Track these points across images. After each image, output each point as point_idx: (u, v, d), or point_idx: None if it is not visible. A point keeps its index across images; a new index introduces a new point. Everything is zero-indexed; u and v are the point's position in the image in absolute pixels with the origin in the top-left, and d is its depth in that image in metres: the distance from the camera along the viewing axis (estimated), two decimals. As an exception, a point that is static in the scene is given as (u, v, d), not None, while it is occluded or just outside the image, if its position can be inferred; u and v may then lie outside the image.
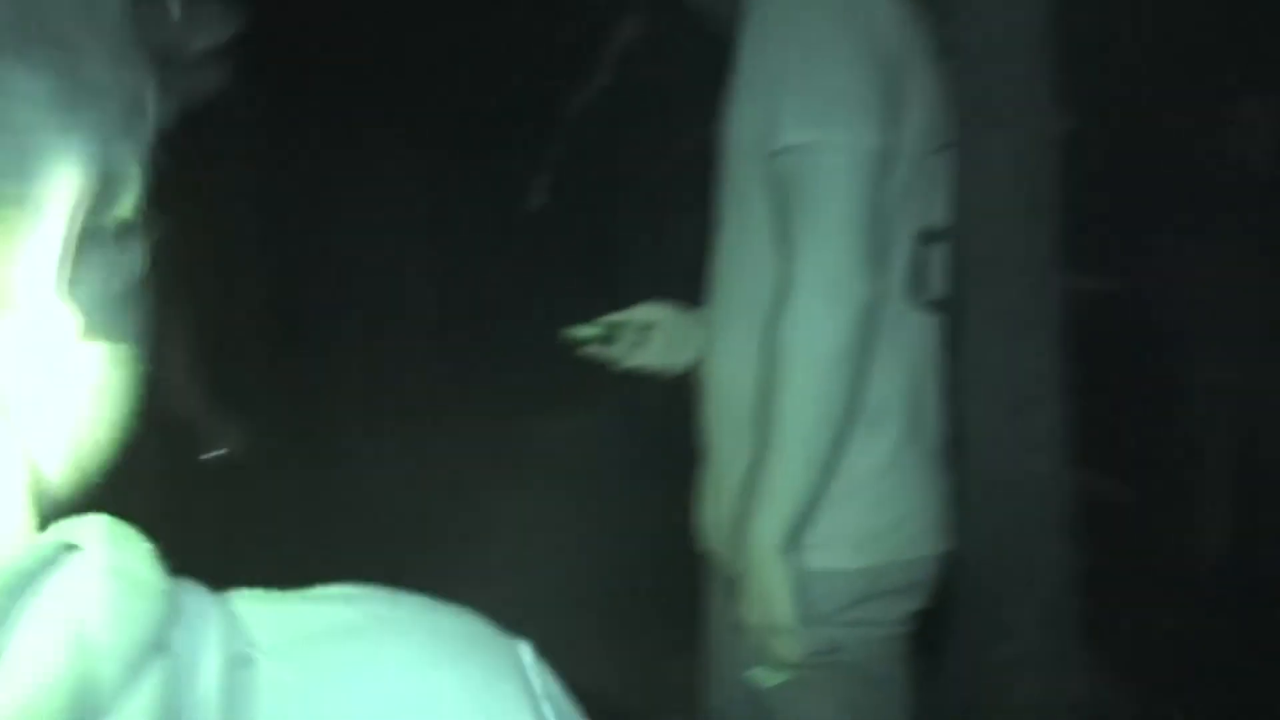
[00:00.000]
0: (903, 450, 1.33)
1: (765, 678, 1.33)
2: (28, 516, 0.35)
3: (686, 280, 1.53)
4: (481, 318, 3.49)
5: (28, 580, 0.33)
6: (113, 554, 0.35)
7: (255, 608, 0.39)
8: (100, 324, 0.38)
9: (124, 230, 0.39)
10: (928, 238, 1.33)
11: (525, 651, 0.41)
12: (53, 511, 0.37)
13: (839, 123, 1.20)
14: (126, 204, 0.38)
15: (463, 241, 3.64)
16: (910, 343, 1.33)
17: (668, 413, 1.82)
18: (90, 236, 0.37)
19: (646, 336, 1.53)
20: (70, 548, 0.35)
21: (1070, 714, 2.30)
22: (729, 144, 1.34)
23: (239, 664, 0.35)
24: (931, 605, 1.44)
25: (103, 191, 0.37)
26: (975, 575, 2.22)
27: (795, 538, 1.24)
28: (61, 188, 0.34)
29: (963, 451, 2.17)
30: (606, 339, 1.53)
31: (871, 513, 1.32)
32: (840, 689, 1.33)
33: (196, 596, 0.37)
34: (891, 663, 1.39)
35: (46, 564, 0.34)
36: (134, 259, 0.40)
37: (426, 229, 3.83)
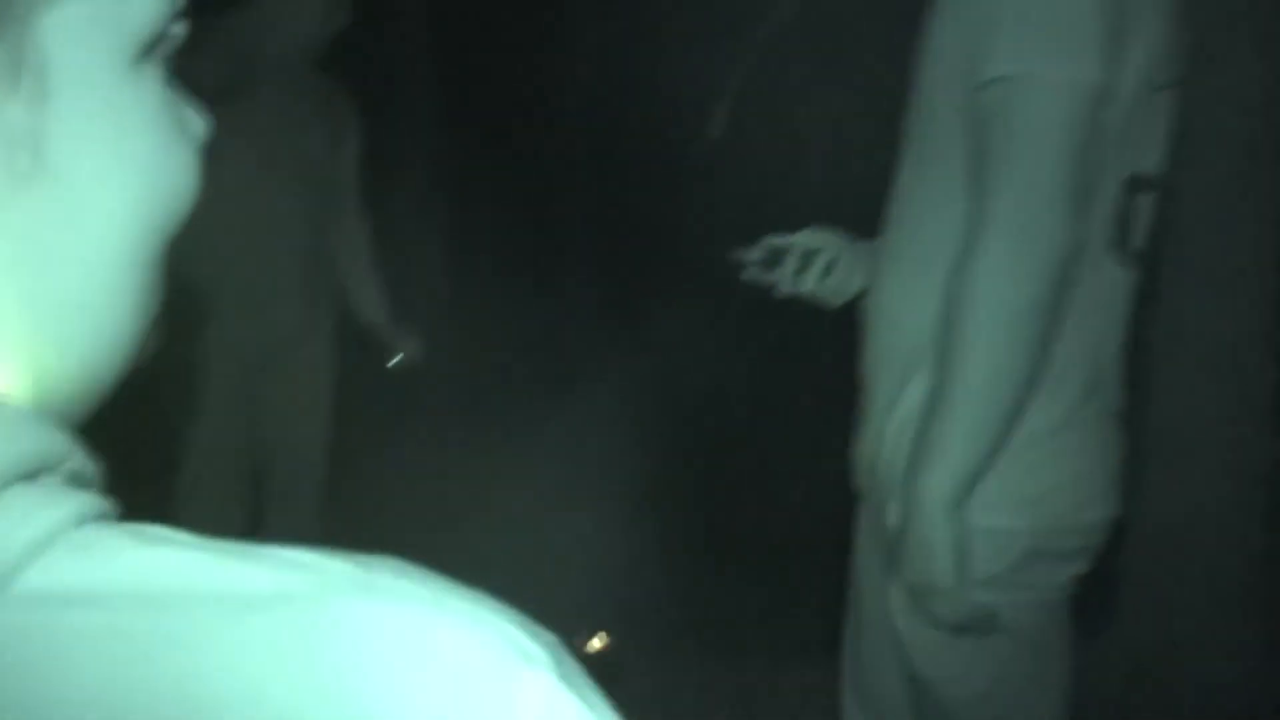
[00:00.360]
0: (1080, 409, 1.26)
1: (914, 634, 1.30)
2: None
3: (858, 211, 1.47)
4: (653, 246, 3.48)
5: None
6: None
7: (135, 546, 0.31)
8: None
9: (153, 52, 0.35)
10: (1137, 185, 1.23)
11: (531, 683, 0.30)
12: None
13: (1058, 54, 1.11)
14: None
15: (638, 170, 3.62)
16: (1103, 297, 1.25)
17: (821, 348, 1.78)
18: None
19: (810, 263, 1.48)
20: None
21: (1235, 697, 2.18)
22: (925, 72, 1.26)
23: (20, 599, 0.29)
24: (1099, 572, 1.37)
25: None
26: (1149, 544, 2.11)
27: (965, 496, 1.19)
28: None
29: (1148, 414, 2.05)
30: (770, 262, 1.49)
31: (1042, 472, 1.26)
32: (996, 651, 1.29)
33: (46, 517, 0.30)
34: (1052, 628, 1.34)
35: None
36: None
37: (602, 156, 3.82)
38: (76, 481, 0.33)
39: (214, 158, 0.38)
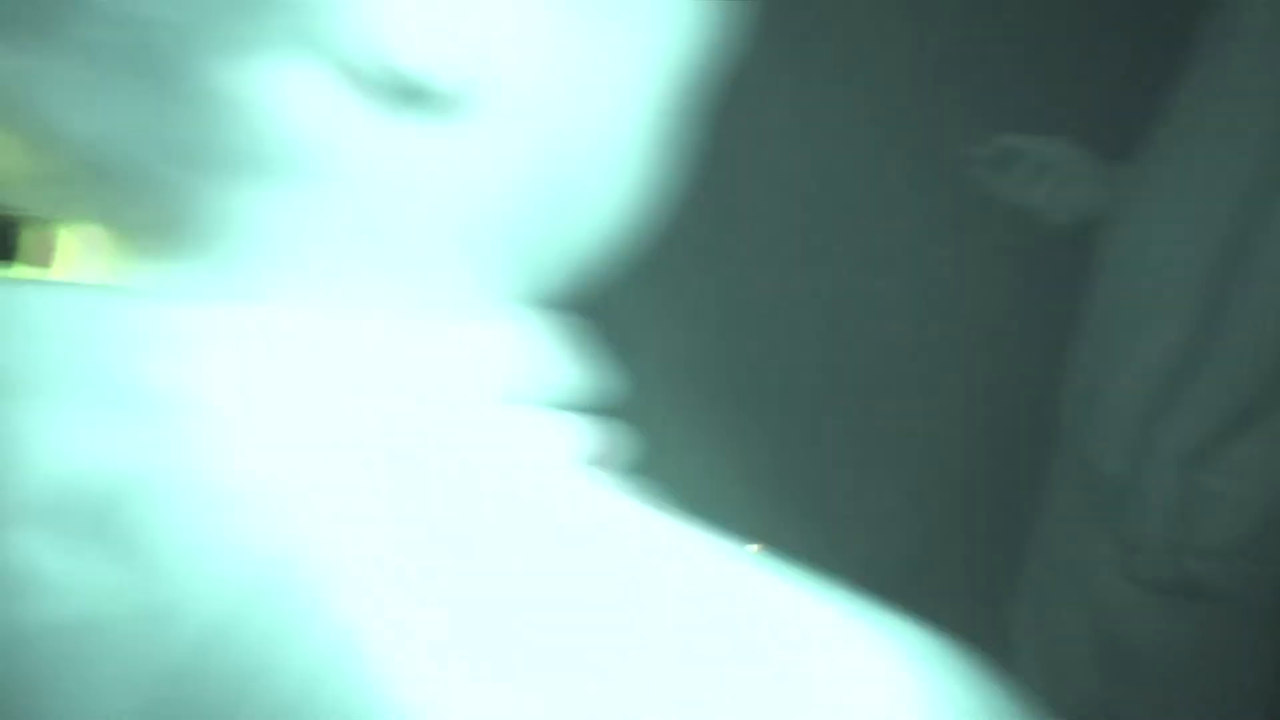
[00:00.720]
0: None
1: (1116, 591, 1.23)
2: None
3: (1105, 127, 1.35)
4: (868, 143, 3.32)
5: None
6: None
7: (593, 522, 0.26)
8: None
9: None
10: None
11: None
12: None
13: None
14: None
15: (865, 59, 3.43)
16: None
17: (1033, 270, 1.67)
18: None
19: (1042, 175, 1.37)
20: None
21: None
22: None
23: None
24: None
25: None
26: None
27: (1206, 457, 1.10)
28: None
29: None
30: (999, 164, 1.38)
31: None
32: (1205, 620, 1.21)
33: None
34: (1271, 604, 1.25)
35: None
36: None
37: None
38: (569, 409, 0.28)
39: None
